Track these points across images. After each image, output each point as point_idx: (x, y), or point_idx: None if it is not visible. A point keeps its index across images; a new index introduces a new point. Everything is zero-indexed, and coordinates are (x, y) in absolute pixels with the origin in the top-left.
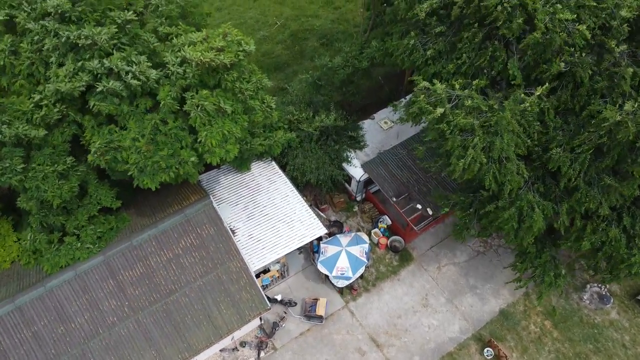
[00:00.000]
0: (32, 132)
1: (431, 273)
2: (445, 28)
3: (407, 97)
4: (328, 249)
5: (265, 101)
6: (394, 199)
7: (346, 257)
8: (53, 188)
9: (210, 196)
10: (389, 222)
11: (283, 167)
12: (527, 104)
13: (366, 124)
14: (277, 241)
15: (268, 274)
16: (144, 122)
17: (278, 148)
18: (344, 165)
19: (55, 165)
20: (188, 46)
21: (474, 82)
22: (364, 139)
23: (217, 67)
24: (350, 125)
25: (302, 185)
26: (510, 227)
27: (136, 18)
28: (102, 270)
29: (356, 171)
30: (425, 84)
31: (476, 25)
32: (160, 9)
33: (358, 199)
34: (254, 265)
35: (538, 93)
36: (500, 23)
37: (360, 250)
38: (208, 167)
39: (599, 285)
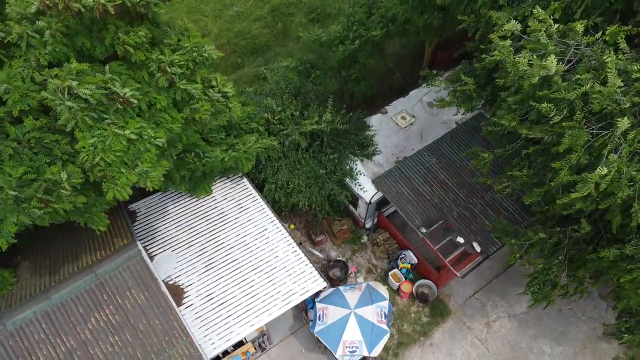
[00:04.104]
0: None
1: (477, 332)
2: None
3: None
4: (328, 312)
5: (215, 83)
6: (423, 230)
7: (357, 324)
8: None
9: (139, 242)
10: (414, 259)
11: (260, 187)
12: None
13: (375, 120)
14: (249, 304)
15: (239, 351)
16: None
17: (249, 162)
18: (347, 181)
19: None
20: None
21: (609, 30)
22: (373, 143)
23: (101, 15)
24: (355, 123)
25: (288, 211)
26: None
27: None
28: None
29: (365, 189)
30: (514, 25)
31: None
32: None
33: (368, 226)
34: (214, 347)
35: None
36: None
37: (377, 313)
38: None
39: None
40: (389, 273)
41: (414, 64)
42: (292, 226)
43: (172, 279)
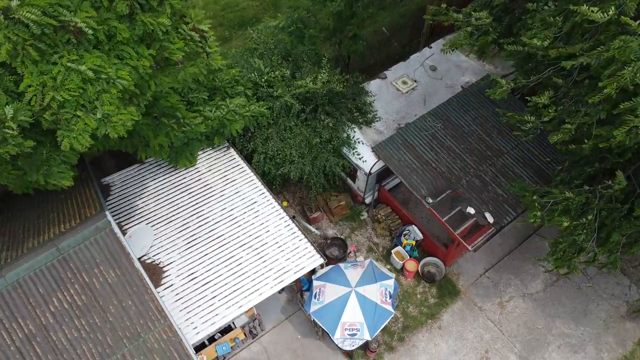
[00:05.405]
0: None
1: (490, 314)
2: None
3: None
4: (326, 290)
5: (190, 19)
6: (430, 201)
7: (358, 304)
8: None
9: (108, 213)
10: (419, 234)
11: (248, 158)
12: None
13: (374, 86)
14: (237, 284)
15: (227, 337)
16: None
17: (236, 123)
18: (344, 150)
19: None
20: None
21: None
22: (372, 109)
23: None
24: (352, 87)
25: (279, 184)
26: None
27: None
28: None
29: (364, 158)
30: None
31: None
32: None
33: (367, 201)
34: (197, 332)
35: None
36: None
37: (381, 292)
38: (121, 159)
39: None
40: (392, 251)
41: (412, 34)
42: (284, 203)
43: (149, 257)
